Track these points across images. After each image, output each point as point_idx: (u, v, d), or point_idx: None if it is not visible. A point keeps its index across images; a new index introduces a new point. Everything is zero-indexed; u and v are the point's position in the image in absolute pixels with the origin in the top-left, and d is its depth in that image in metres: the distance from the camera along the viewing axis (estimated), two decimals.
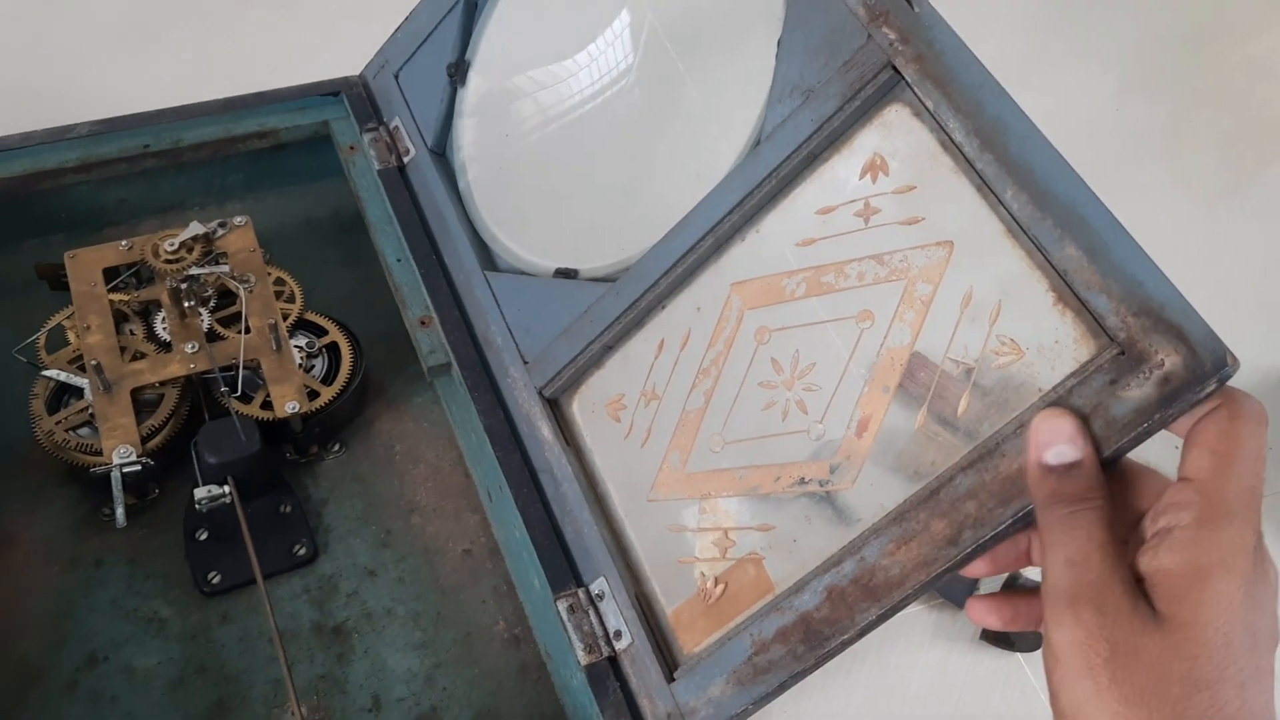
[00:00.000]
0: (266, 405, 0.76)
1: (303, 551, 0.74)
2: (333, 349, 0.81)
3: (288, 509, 0.75)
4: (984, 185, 0.55)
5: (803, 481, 0.60)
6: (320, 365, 0.79)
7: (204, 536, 0.73)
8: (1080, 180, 0.52)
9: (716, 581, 0.62)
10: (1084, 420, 0.48)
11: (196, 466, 0.73)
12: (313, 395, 0.77)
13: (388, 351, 0.83)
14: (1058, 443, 0.47)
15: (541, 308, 0.74)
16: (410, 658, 0.71)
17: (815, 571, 0.57)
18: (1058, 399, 0.50)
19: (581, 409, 0.72)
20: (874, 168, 0.61)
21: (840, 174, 0.62)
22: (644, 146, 0.73)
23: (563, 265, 0.75)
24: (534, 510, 0.69)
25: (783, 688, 0.58)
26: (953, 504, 0.52)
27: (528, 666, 0.72)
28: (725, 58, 0.69)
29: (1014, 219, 0.54)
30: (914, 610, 0.80)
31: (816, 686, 0.69)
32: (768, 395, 0.63)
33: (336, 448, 0.80)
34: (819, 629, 0.56)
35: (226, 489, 0.72)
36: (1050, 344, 0.52)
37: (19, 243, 0.85)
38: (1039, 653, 0.77)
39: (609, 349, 0.70)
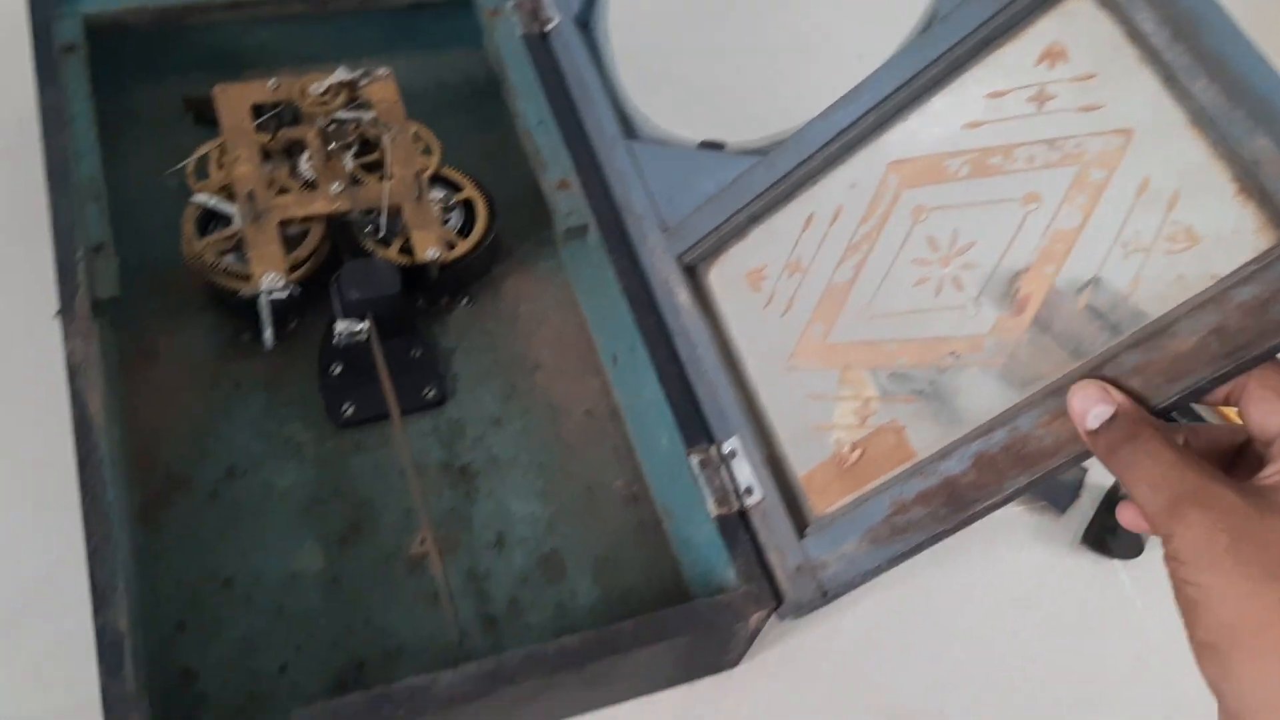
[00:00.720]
0: (404, 251, 0.77)
1: (432, 394, 0.76)
2: (467, 206, 0.82)
3: (418, 353, 0.77)
4: (1172, 76, 0.56)
5: (954, 355, 0.61)
6: (455, 219, 0.81)
7: (338, 371, 0.75)
8: (1276, 73, 0.53)
9: (853, 447, 0.64)
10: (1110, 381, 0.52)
11: (337, 302, 0.75)
12: (450, 247, 0.78)
13: (516, 215, 0.84)
14: (1091, 408, 0.51)
15: (685, 177, 0.75)
16: (533, 503, 0.73)
17: (963, 439, 0.59)
18: (1234, 284, 0.51)
19: (719, 277, 0.73)
20: (1051, 55, 0.61)
21: (1015, 59, 0.63)
22: (803, 23, 0.73)
23: (709, 137, 0.76)
24: (669, 369, 0.70)
25: (919, 548, 0.60)
26: (1116, 380, 0.53)
27: (644, 524, 0.74)
28: None
29: (1202, 109, 0.54)
30: (1015, 511, 0.81)
31: (920, 569, 0.70)
32: (921, 271, 0.64)
33: (465, 301, 0.81)
34: (964, 493, 0.58)
35: (365, 325, 0.73)
36: (1229, 233, 0.53)
37: (162, 77, 0.87)
38: (1137, 560, 0.79)
39: (754, 220, 0.72)
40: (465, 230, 0.81)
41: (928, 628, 0.76)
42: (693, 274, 0.74)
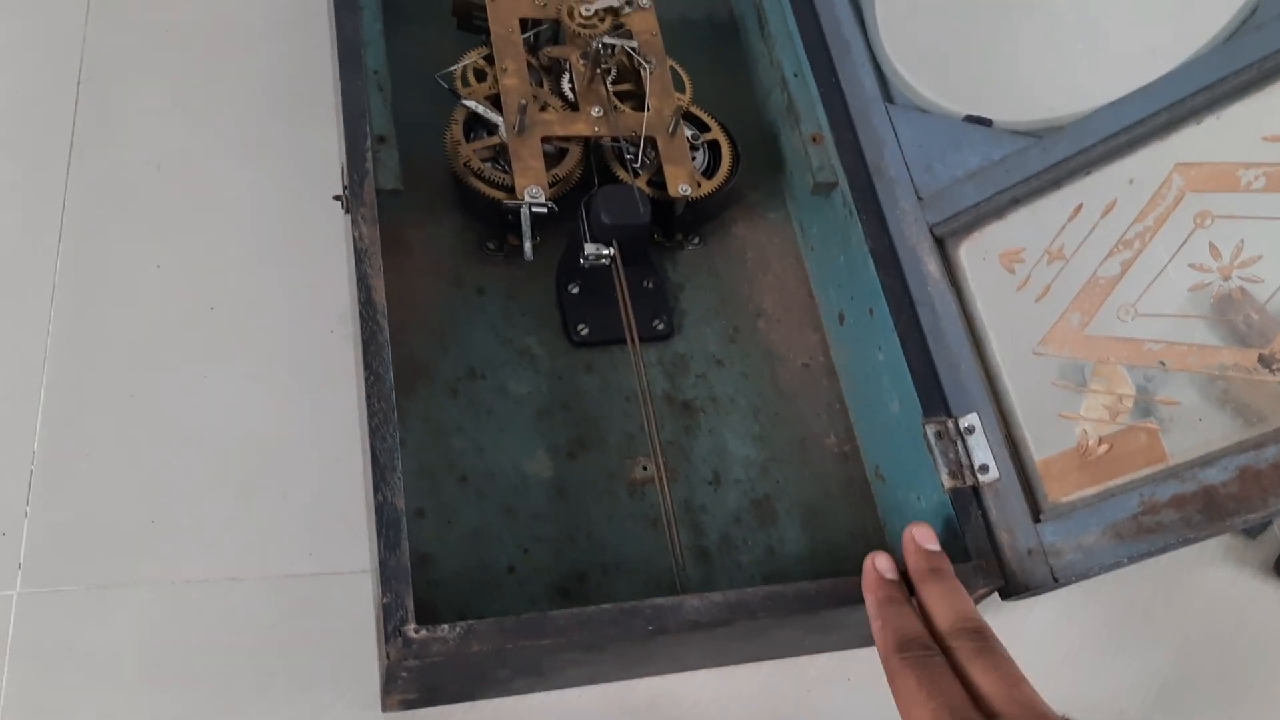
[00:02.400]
0: (652, 184, 0.78)
1: (661, 326, 0.78)
2: (713, 146, 0.82)
3: (650, 285, 0.79)
4: None
5: (1224, 366, 0.61)
6: (701, 158, 0.82)
7: (575, 290, 0.77)
8: None
9: (1100, 441, 0.64)
10: None
11: (584, 223, 0.76)
12: (696, 185, 0.79)
13: (751, 161, 0.85)
14: None
15: (945, 149, 0.75)
16: (748, 446, 0.75)
17: (1227, 450, 0.59)
18: None
19: (970, 254, 0.73)
20: None
21: None
22: (1092, 6, 0.72)
23: (975, 112, 0.75)
24: (912, 335, 0.71)
25: (1163, 549, 0.60)
26: None
27: (854, 482, 0.75)
28: None
29: None
30: None
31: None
32: (1197, 277, 0.63)
33: (696, 240, 0.83)
34: (1223, 503, 0.58)
35: (611, 250, 0.75)
36: None
37: None
38: None
39: (1016, 202, 0.72)
40: (708, 170, 0.81)
41: (1106, 633, 0.77)
42: (942, 246, 0.74)
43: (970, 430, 0.68)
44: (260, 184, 0.78)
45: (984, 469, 0.67)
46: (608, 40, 0.81)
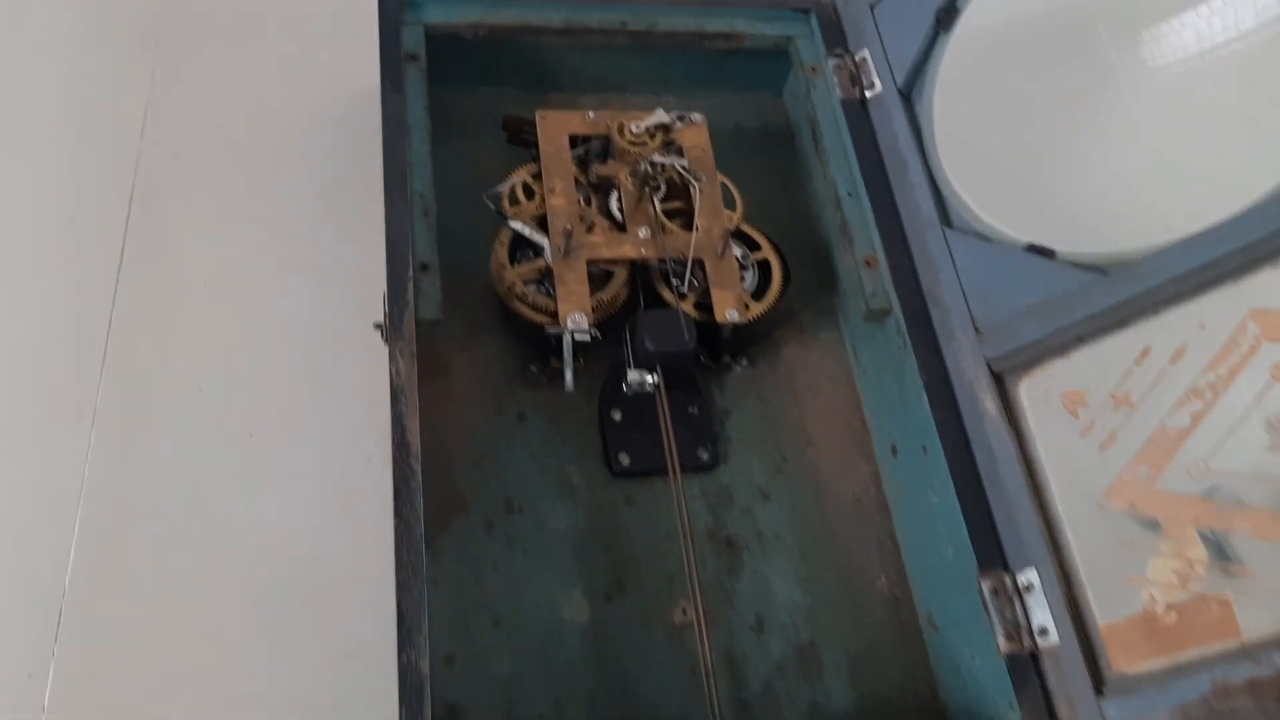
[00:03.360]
0: (699, 306, 0.76)
1: (705, 456, 0.75)
2: (763, 265, 0.80)
3: (695, 410, 0.77)
4: None
5: None
6: (749, 278, 0.80)
7: (618, 417, 0.75)
8: None
9: (1169, 608, 0.60)
10: None
11: (628, 348, 0.74)
12: (744, 308, 0.77)
13: (801, 280, 0.82)
14: None
15: (1005, 279, 0.72)
16: (794, 589, 0.72)
17: None
18: None
19: (1030, 392, 0.70)
20: None
21: None
22: (1170, 138, 0.68)
23: (1038, 241, 0.72)
24: (967, 480, 0.68)
25: None
26: None
27: (905, 629, 0.71)
28: None
29: None
30: None
31: None
32: (1275, 437, 0.59)
33: (744, 362, 0.80)
34: None
35: (655, 378, 0.73)
36: None
37: (475, 86, 0.88)
38: None
39: (1080, 340, 0.68)
40: (758, 290, 0.79)
41: None
42: (1001, 382, 0.71)
43: (1029, 588, 0.64)
44: (305, 304, 0.78)
45: (1043, 632, 0.63)
46: (656, 160, 0.79)
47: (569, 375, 0.71)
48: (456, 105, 0.87)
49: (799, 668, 0.69)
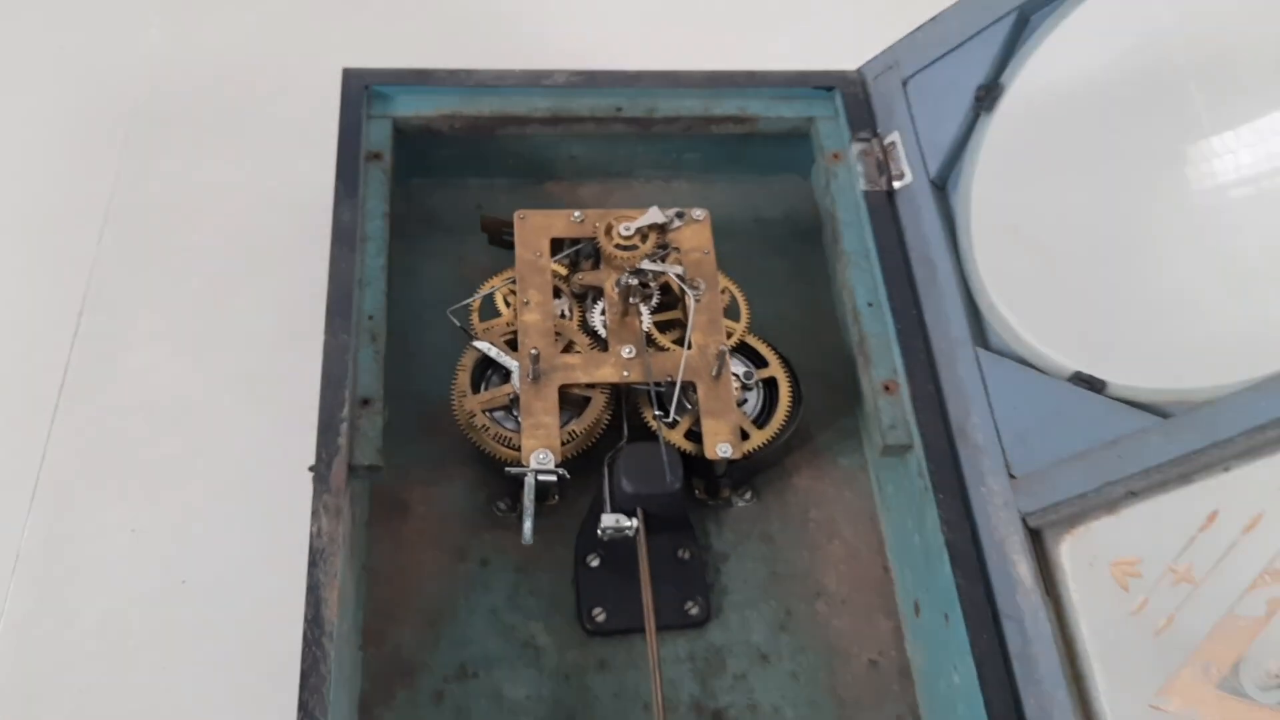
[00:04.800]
0: (691, 435, 0.67)
1: (695, 611, 0.65)
2: (769, 384, 0.70)
3: (687, 555, 0.67)
4: None
5: None
6: (754, 400, 0.70)
7: (595, 564, 0.66)
8: None
9: None
10: None
11: (606, 488, 0.65)
12: (744, 436, 0.67)
13: (820, 394, 0.72)
14: None
15: (1048, 415, 0.61)
16: None
17: None
18: None
19: (1073, 556, 0.58)
20: None
21: None
22: (1250, 254, 0.56)
23: (1087, 370, 0.61)
24: (993, 664, 0.56)
25: None
26: None
27: None
28: None
29: None
30: None
31: None
32: None
33: (748, 495, 0.70)
34: None
35: (634, 523, 0.63)
36: None
37: (464, 179, 0.81)
38: None
39: (1133, 496, 0.56)
40: (764, 415, 0.69)
41: None
42: (1038, 540, 0.59)
43: None
44: (250, 440, 0.71)
45: None
46: (643, 267, 0.70)
47: (527, 525, 0.62)
48: (439, 199, 0.80)
49: None
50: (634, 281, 0.69)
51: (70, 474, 0.68)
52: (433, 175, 0.79)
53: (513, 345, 0.68)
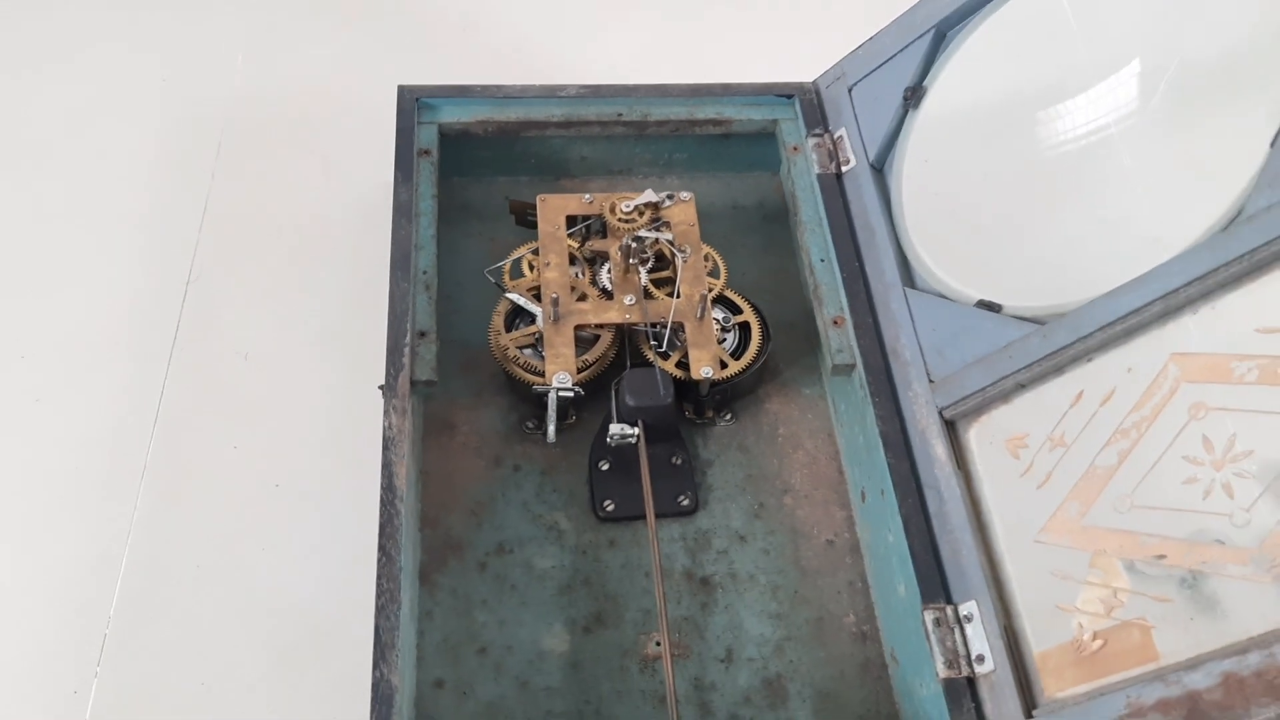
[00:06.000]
0: (681, 365, 0.83)
1: (685, 502, 0.81)
2: (744, 328, 0.87)
3: (678, 461, 0.83)
4: None
5: (1213, 564, 0.59)
6: (731, 340, 0.86)
7: (605, 467, 0.82)
8: None
9: (1095, 636, 0.63)
10: None
11: (614, 405, 0.81)
12: (722, 366, 0.83)
13: (787, 339, 0.89)
14: None
15: (957, 333, 0.77)
16: (765, 624, 0.76)
17: (1213, 654, 0.57)
18: None
19: (979, 437, 0.74)
20: None
21: None
22: (1099, 198, 0.73)
23: (986, 297, 0.77)
24: (916, 520, 0.72)
25: None
26: None
27: (870, 663, 0.75)
28: (1214, 128, 0.69)
29: None
30: None
31: None
32: (1190, 471, 0.62)
33: (728, 416, 0.86)
34: (1207, 711, 0.56)
35: (636, 430, 0.80)
36: None
37: (493, 177, 0.98)
38: None
39: (1021, 387, 0.73)
40: (739, 351, 0.86)
41: None
42: (952, 429, 0.75)
43: (969, 618, 0.68)
44: (330, 372, 0.88)
45: (980, 659, 0.66)
46: (640, 234, 0.87)
47: (550, 429, 0.79)
48: (474, 193, 0.97)
49: (764, 698, 0.73)
50: (633, 244, 0.86)
51: (184, 405, 0.85)
52: (469, 174, 0.97)
53: (536, 299, 0.85)
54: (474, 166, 0.97)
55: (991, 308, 0.76)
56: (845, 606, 0.78)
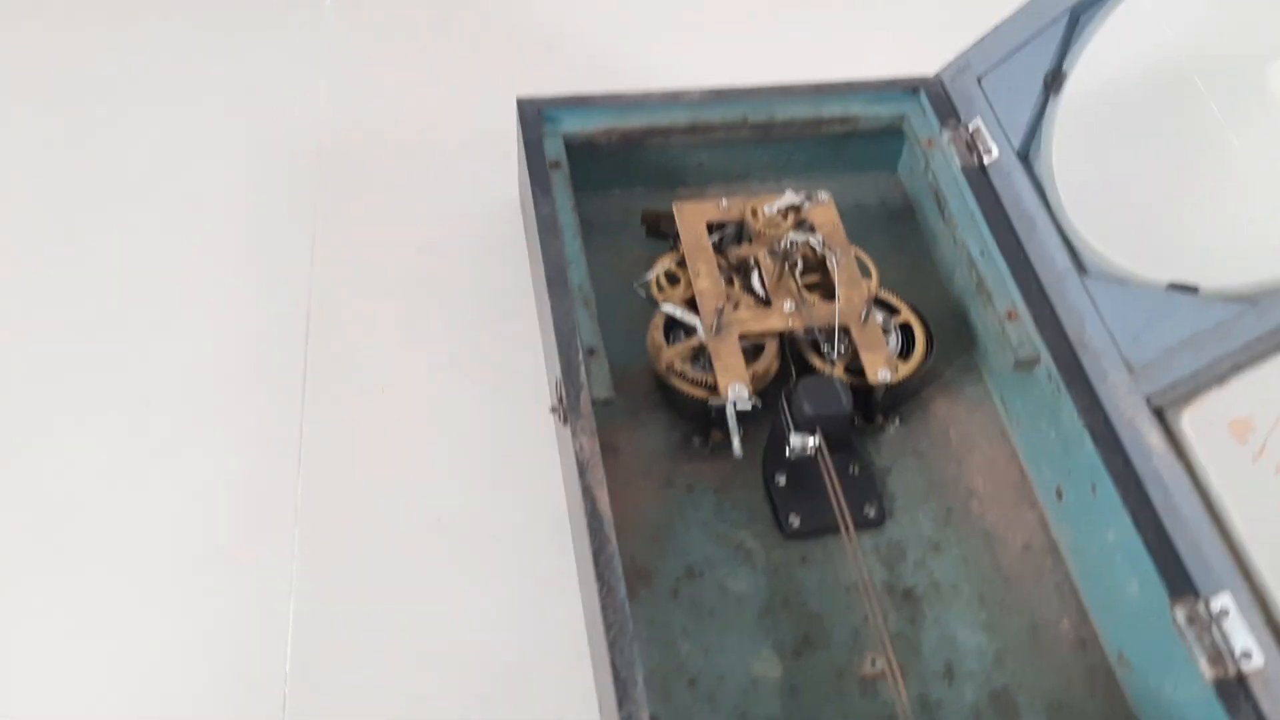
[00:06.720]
0: (849, 371, 0.79)
1: (872, 513, 0.77)
2: (904, 328, 0.83)
3: (856, 471, 0.79)
4: None
5: None
6: (893, 341, 0.82)
7: (782, 482, 0.78)
8: None
9: None
10: None
11: (786, 415, 0.77)
12: (894, 369, 0.80)
13: (940, 339, 0.85)
14: None
15: (1152, 318, 0.74)
16: (978, 635, 0.72)
17: None
18: None
19: (1194, 424, 0.71)
20: None
21: None
22: None
23: (1177, 279, 0.74)
24: (1144, 514, 0.69)
25: None
26: None
27: (1095, 670, 0.71)
28: None
29: None
30: None
31: None
32: None
33: (897, 422, 0.83)
34: None
35: (816, 440, 0.75)
36: None
37: (610, 190, 0.94)
38: None
39: (1238, 368, 0.69)
40: (902, 352, 0.82)
41: None
42: (1161, 417, 0.72)
43: (1224, 612, 0.64)
44: (473, 400, 0.83)
45: (1246, 655, 0.63)
46: (795, 237, 0.83)
47: (736, 442, 0.74)
48: (594, 207, 0.92)
49: (995, 713, 0.69)
50: (789, 246, 0.82)
51: (326, 444, 0.79)
52: (586, 188, 0.92)
53: (690, 308, 0.81)
54: (589, 180, 0.92)
55: (1187, 289, 0.73)
56: (1057, 612, 0.74)
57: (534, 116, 0.87)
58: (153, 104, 1.03)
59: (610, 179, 0.93)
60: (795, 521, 0.76)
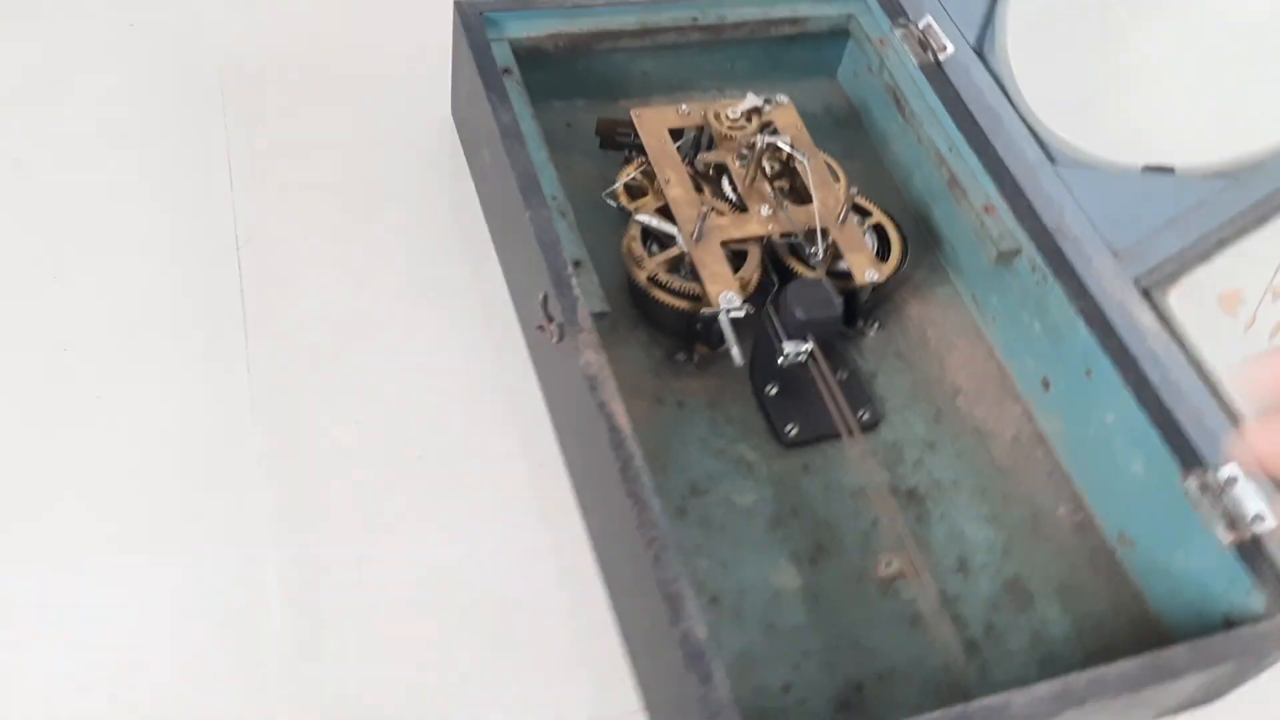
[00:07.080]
0: (831, 274, 0.77)
1: (866, 416, 0.75)
2: (877, 230, 0.82)
3: (845, 376, 0.77)
4: None
5: None
6: (870, 243, 0.81)
7: (774, 391, 0.75)
8: None
9: None
10: None
11: (775, 322, 0.74)
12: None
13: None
14: None
15: (1131, 202, 0.74)
16: (984, 528, 0.72)
17: None
18: None
19: (1180, 301, 0.72)
20: None
21: None
22: (1254, 34, 0.71)
23: (1150, 162, 0.75)
24: (1145, 393, 0.69)
25: None
26: None
27: (1096, 552, 0.72)
28: None
29: None
30: None
31: None
32: None
33: (876, 326, 0.81)
34: None
35: (809, 346, 0.73)
36: None
37: (549, 102, 0.88)
38: None
39: (1222, 244, 0.70)
40: (880, 253, 0.80)
41: None
42: (1149, 297, 0.73)
43: (1233, 480, 0.65)
44: (433, 328, 0.77)
45: (1259, 518, 0.64)
46: (767, 138, 0.80)
47: (736, 351, 0.71)
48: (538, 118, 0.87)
49: (1011, 601, 0.69)
50: (760, 148, 0.79)
51: (279, 382, 0.72)
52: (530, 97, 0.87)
53: (665, 217, 0.77)
54: (529, 92, 0.87)
55: (1163, 170, 0.74)
56: (1053, 499, 0.74)
57: (475, 21, 0.81)
58: (31, 18, 0.91)
59: (550, 90, 0.88)
60: (793, 430, 0.74)
